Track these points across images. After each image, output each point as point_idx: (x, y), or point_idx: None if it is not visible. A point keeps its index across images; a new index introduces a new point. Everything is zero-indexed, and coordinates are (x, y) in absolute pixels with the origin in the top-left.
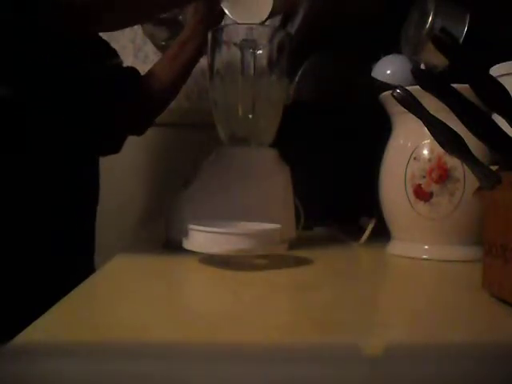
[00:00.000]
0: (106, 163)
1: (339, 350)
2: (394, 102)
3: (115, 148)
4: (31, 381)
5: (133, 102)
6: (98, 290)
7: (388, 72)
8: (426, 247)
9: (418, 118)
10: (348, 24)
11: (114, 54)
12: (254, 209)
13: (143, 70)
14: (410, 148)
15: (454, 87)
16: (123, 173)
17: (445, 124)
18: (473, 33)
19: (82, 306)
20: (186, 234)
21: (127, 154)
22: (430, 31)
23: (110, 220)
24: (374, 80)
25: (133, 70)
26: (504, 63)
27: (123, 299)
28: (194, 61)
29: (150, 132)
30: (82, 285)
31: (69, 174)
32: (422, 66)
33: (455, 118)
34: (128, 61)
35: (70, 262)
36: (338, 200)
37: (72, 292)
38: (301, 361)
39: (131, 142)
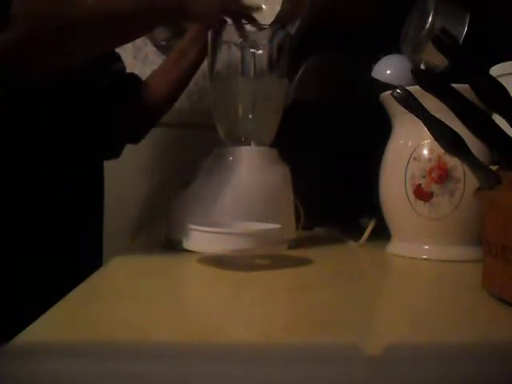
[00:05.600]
0: (106, 163)
1: (339, 350)
2: (394, 102)
3: (115, 153)
4: (31, 381)
5: (132, 108)
6: (98, 290)
7: (388, 72)
8: (426, 247)
9: (418, 117)
10: (348, 24)
11: (117, 58)
12: (254, 209)
13: (142, 70)
14: (410, 148)
15: (453, 87)
16: (123, 173)
17: (445, 124)
18: (473, 33)
19: (82, 306)
20: (186, 234)
21: (127, 154)
22: (430, 31)
23: (109, 220)
24: (374, 80)
25: (133, 76)
26: (504, 63)
27: (123, 299)
28: (194, 68)
29: (151, 132)
30: (81, 285)
31: (74, 176)
32: (422, 66)
33: (455, 117)
34: (127, 61)
35: (73, 262)
36: (338, 200)
37: (72, 292)
38: (301, 361)
39: None
